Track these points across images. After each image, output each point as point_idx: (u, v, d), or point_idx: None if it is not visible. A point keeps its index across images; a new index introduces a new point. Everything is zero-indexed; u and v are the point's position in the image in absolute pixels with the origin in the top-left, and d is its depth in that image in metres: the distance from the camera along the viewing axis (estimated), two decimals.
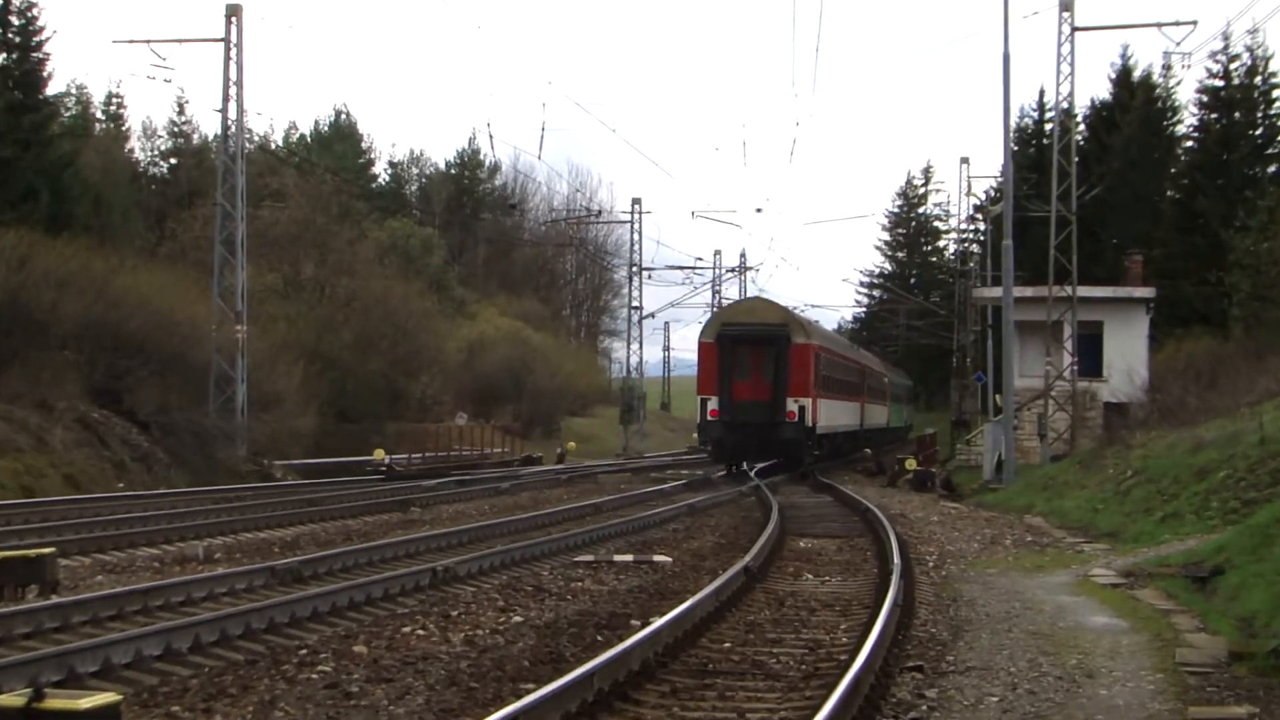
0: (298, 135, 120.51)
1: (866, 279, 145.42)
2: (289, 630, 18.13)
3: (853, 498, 41.53)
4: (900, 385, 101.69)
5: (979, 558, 27.01)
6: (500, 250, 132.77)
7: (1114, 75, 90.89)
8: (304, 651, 16.70)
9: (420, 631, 17.97)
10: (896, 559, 22.50)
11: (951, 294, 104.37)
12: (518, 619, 19.00)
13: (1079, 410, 57.89)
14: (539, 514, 34.77)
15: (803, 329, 57.16)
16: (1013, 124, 62.17)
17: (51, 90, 69.87)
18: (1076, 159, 57.07)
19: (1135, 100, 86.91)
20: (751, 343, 55.09)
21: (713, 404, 54.57)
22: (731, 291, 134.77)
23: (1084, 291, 58.57)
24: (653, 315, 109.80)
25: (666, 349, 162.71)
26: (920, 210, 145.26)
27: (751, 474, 54.27)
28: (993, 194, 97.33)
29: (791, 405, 54.56)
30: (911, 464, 54.44)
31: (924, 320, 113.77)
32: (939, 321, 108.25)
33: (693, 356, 60.69)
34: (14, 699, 11.24)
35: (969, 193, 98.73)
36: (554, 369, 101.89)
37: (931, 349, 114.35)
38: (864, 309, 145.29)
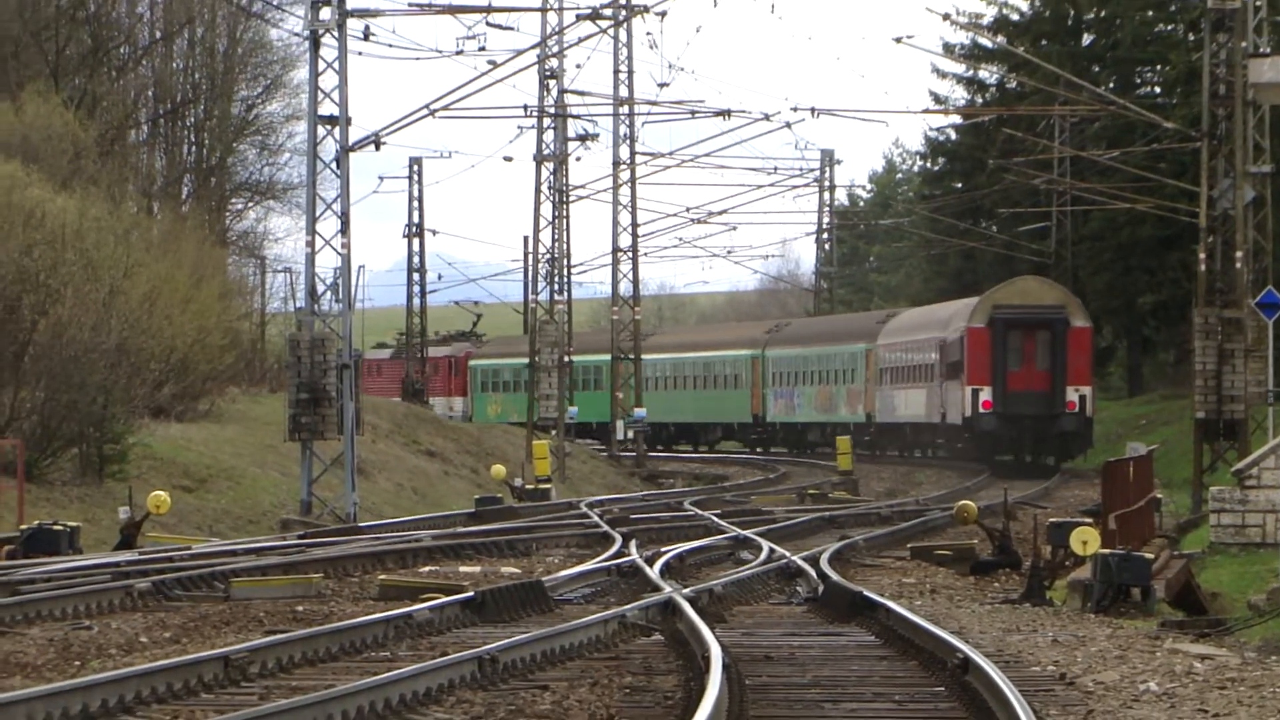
0: None
1: (964, 38, 78.27)
2: None
3: (927, 631, 18.17)
4: None
5: None
6: None
7: None
8: None
9: None
10: None
11: (1189, 77, 58.95)
12: None
13: None
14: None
15: (1080, 309, 58.86)
16: None
17: None
18: None
19: None
20: (1026, 327, 57.30)
21: (985, 395, 56.61)
22: (589, 75, 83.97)
23: None
24: (377, 141, 43.52)
25: (415, 231, 76.00)
26: None
27: (652, 567, 25.15)
28: None
29: (1071, 395, 56.64)
30: (1089, 540, 26.07)
31: (1117, 152, 60.55)
32: (1156, 153, 58.81)
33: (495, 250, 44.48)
34: None
35: None
36: (110, 295, 42.23)
37: (1135, 228, 67.00)
38: (956, 118, 78.87)
